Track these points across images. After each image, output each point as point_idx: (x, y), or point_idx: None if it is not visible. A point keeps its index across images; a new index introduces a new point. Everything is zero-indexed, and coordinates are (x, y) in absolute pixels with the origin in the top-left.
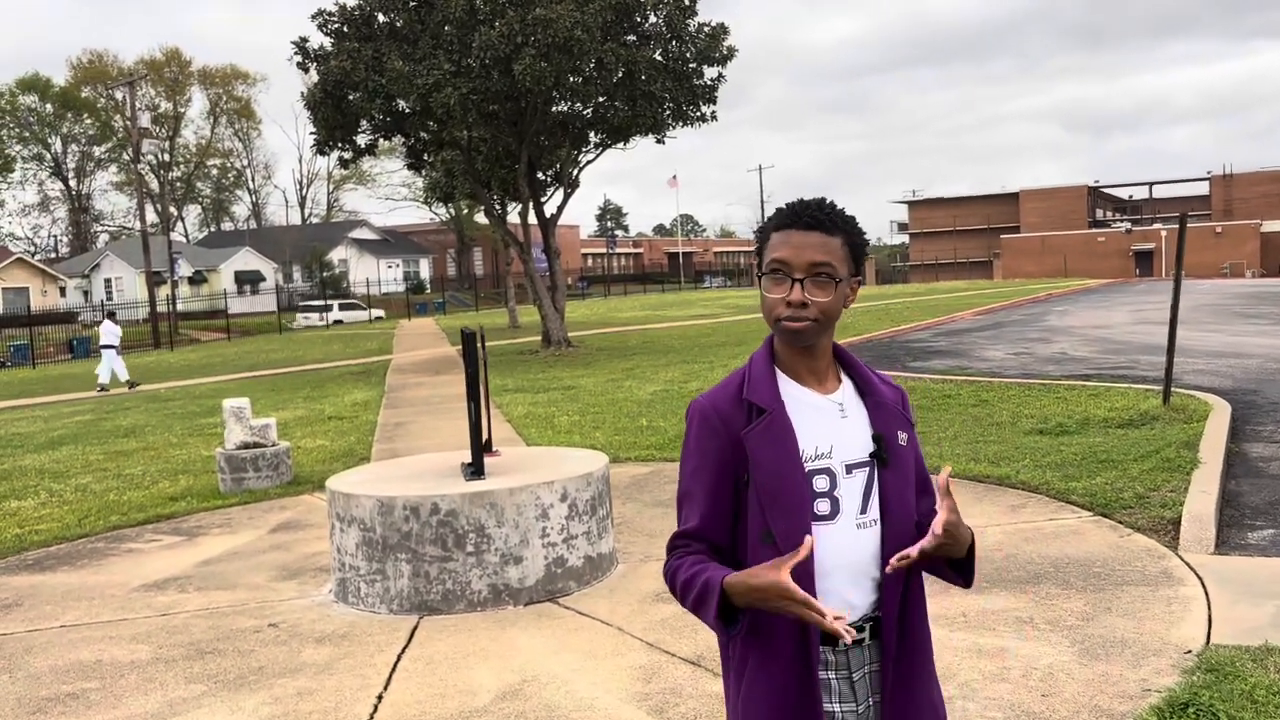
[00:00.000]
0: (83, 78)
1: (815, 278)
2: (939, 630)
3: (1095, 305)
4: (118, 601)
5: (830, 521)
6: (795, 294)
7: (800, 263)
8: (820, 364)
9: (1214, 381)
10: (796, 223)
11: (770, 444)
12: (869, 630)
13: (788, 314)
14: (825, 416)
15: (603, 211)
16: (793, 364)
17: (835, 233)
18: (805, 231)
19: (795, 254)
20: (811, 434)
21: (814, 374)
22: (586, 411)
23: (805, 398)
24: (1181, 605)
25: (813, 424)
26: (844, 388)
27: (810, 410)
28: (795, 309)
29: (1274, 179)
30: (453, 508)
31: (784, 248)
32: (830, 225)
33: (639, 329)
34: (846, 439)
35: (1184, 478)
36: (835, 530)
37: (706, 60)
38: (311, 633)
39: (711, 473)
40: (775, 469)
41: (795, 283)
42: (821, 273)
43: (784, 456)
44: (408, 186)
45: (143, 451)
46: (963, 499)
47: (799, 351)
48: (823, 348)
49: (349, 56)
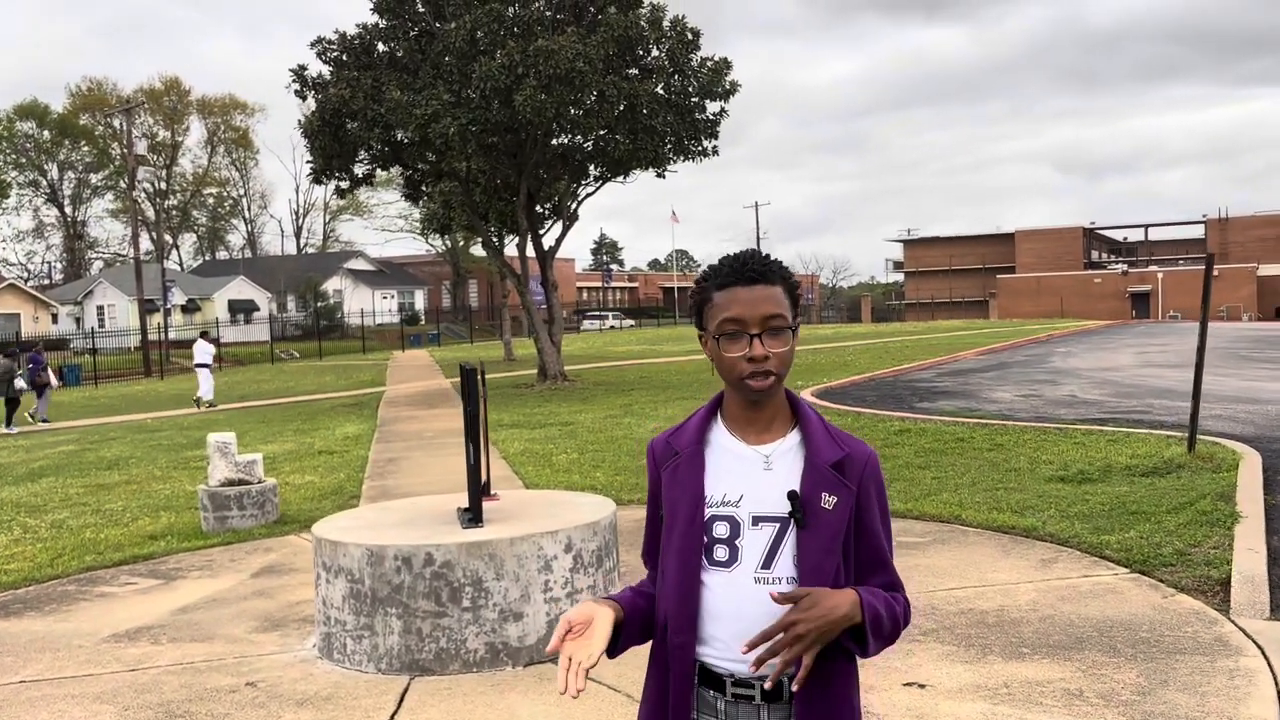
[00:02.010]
0: (81, 105)
1: (770, 331)
2: (982, 703)
3: (1098, 347)
4: (85, 653)
5: (726, 569)
6: (757, 349)
7: (755, 317)
8: (764, 415)
9: (1235, 428)
10: (740, 279)
11: (676, 484)
12: (759, 691)
13: (751, 370)
14: (744, 465)
15: (598, 245)
16: (736, 415)
17: (776, 282)
18: (750, 286)
19: (748, 309)
20: (723, 480)
21: (754, 425)
22: (585, 449)
23: (729, 445)
24: (1246, 679)
25: (727, 471)
26: (784, 441)
27: (729, 457)
28: (758, 364)
29: (1270, 223)
30: (448, 558)
31: (735, 305)
32: (771, 275)
33: (636, 364)
34: (762, 491)
35: (1225, 533)
36: (731, 579)
37: (709, 95)
38: (292, 694)
39: (651, 506)
40: (674, 508)
41: (754, 338)
42: (776, 324)
43: (681, 496)
44: (404, 218)
45: (125, 485)
46: (989, 551)
47: (746, 404)
48: (770, 400)
49: (348, 85)
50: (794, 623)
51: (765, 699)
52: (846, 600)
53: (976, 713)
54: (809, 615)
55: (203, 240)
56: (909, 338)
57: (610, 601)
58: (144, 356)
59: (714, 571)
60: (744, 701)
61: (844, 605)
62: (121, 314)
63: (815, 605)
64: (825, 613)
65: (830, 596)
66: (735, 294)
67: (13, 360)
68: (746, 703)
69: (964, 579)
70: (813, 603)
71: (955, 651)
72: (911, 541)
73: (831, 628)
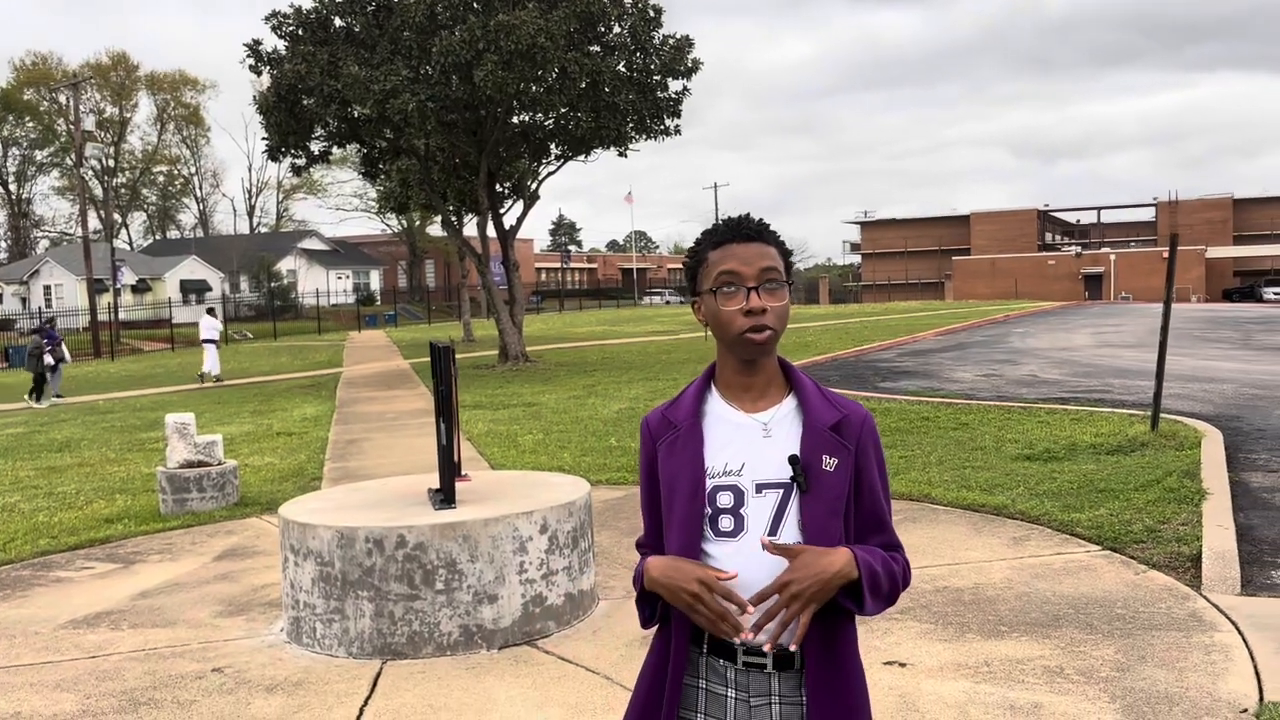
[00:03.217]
0: (26, 80)
1: (767, 284)
2: (964, 681)
3: (1054, 327)
4: (42, 640)
5: (733, 539)
6: (754, 301)
7: (752, 271)
8: (759, 380)
9: (1194, 407)
10: (736, 236)
11: (675, 456)
12: (771, 661)
13: (749, 324)
14: (743, 434)
15: (557, 226)
16: (730, 381)
17: (770, 242)
18: (746, 243)
19: (745, 264)
20: (723, 450)
21: (750, 391)
22: (550, 430)
23: (727, 414)
24: (1222, 654)
25: (727, 440)
26: (780, 407)
27: (728, 427)
28: (756, 317)
29: (1217, 206)
30: (421, 540)
31: (731, 260)
32: (767, 235)
33: (597, 344)
34: (763, 458)
35: (1193, 510)
36: (740, 548)
37: (671, 73)
38: (261, 679)
39: (647, 483)
40: (673, 481)
41: (751, 291)
42: (772, 278)
43: (685, 470)
44: (359, 197)
45: (77, 468)
46: (961, 530)
47: (741, 368)
48: (764, 364)
49: (304, 60)
50: (788, 582)
51: (777, 667)
52: (841, 558)
53: (959, 691)
54: (803, 574)
55: (153, 219)
56: (868, 319)
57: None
58: (93, 337)
59: (720, 542)
60: (755, 670)
61: (838, 562)
62: (70, 294)
63: (809, 564)
64: (820, 570)
65: (825, 554)
66: (732, 250)
67: (44, 337)
68: (758, 671)
69: (937, 557)
70: (806, 561)
71: (934, 630)
72: None
73: (826, 585)
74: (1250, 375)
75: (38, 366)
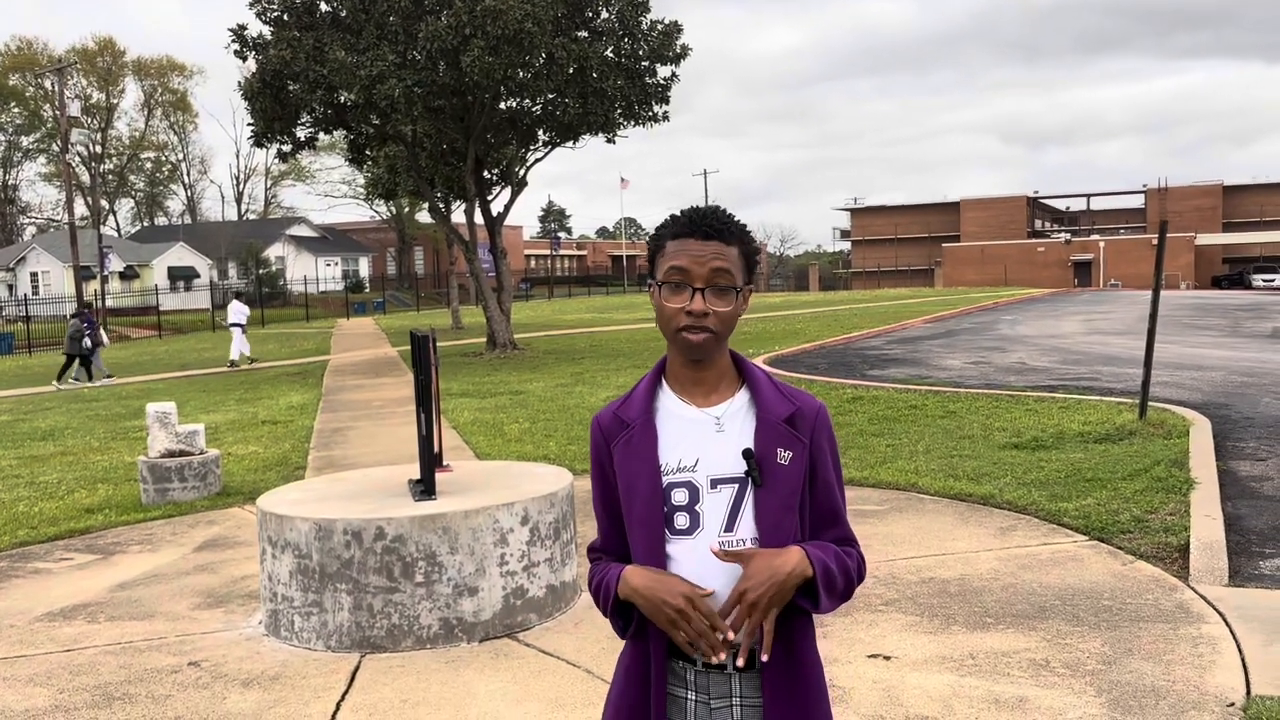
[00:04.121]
0: (10, 65)
1: (715, 287)
2: (948, 675)
3: (1044, 315)
4: (17, 633)
5: (689, 536)
6: (696, 303)
7: (701, 272)
8: (709, 374)
9: (1182, 395)
10: (695, 232)
11: (630, 456)
12: (731, 660)
13: (687, 323)
14: (696, 429)
15: (546, 213)
16: (680, 376)
17: (732, 241)
18: (703, 241)
19: (695, 263)
20: (676, 447)
21: (701, 385)
22: (537, 419)
23: (679, 410)
24: (1209, 647)
25: (680, 437)
26: (733, 401)
27: (681, 423)
28: (696, 318)
29: (1206, 193)
30: (400, 532)
31: (682, 256)
32: (728, 234)
33: (585, 332)
34: (716, 453)
35: (1181, 499)
36: (695, 545)
37: (659, 59)
38: (238, 674)
39: (600, 485)
40: (630, 480)
41: (696, 292)
42: (721, 282)
43: (639, 468)
44: (347, 184)
45: (60, 457)
46: (947, 519)
47: (689, 362)
48: (713, 359)
49: (289, 45)
50: (744, 591)
51: (736, 668)
52: (793, 557)
53: (944, 684)
54: (758, 580)
55: (140, 206)
56: (857, 306)
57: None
58: None
59: (676, 541)
60: (715, 671)
61: (790, 562)
62: (56, 281)
63: (762, 569)
64: (773, 573)
65: (776, 555)
66: (687, 245)
67: (83, 322)
68: (718, 672)
69: (923, 547)
70: (759, 566)
71: (919, 622)
72: (869, 509)
73: (783, 588)
74: (1239, 363)
75: (77, 349)
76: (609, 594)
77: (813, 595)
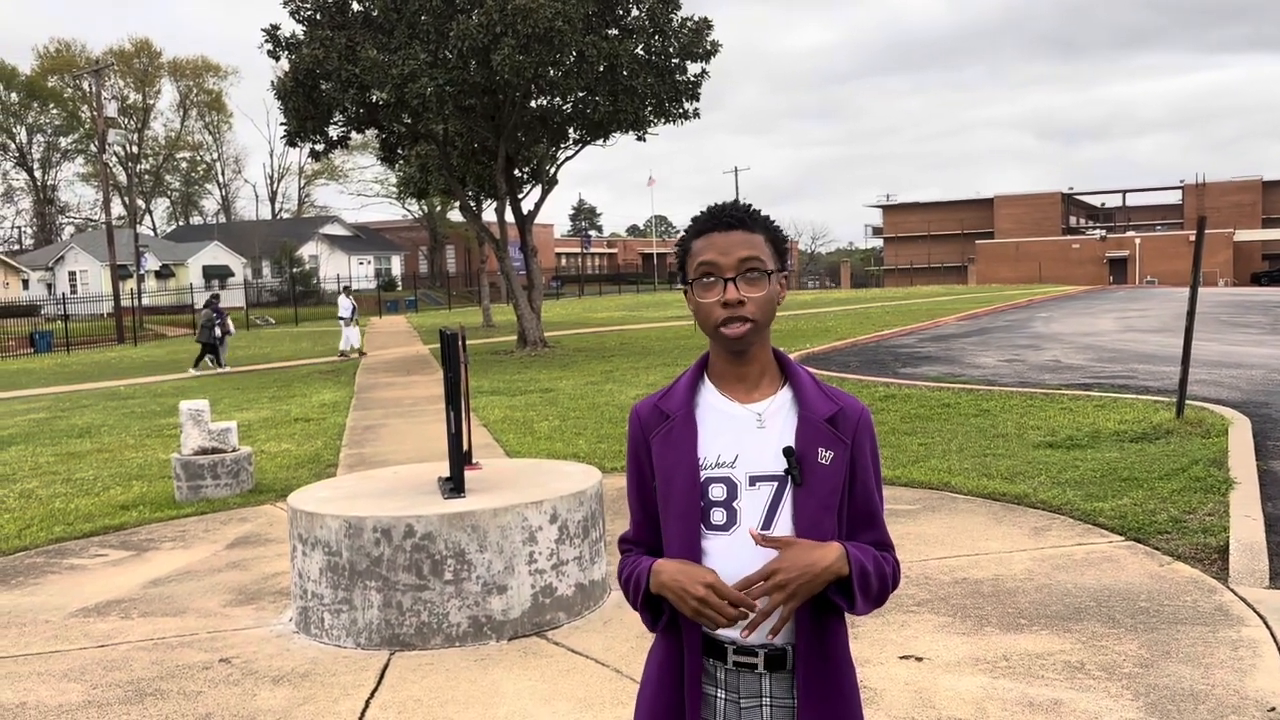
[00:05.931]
0: (49, 67)
1: (746, 274)
2: (981, 677)
3: (1078, 312)
4: (52, 629)
5: (725, 532)
6: (730, 293)
7: (729, 261)
8: (751, 370)
9: (1221, 393)
10: (717, 225)
11: (669, 448)
12: (763, 660)
13: (725, 316)
14: (737, 425)
15: (577, 211)
16: (723, 371)
17: (756, 229)
18: (727, 232)
19: (722, 254)
20: (716, 442)
21: (743, 381)
22: (567, 416)
23: (720, 405)
24: (1249, 650)
25: (720, 432)
26: (775, 398)
27: (721, 418)
28: (732, 309)
29: (1245, 188)
30: (429, 530)
31: (709, 250)
32: (750, 223)
33: (616, 330)
34: (756, 450)
35: (1219, 500)
36: (731, 542)
37: (690, 56)
38: (269, 670)
39: (636, 477)
40: (668, 473)
41: (727, 282)
42: (751, 268)
43: (678, 461)
44: (380, 183)
45: (96, 453)
46: (981, 519)
47: (731, 357)
48: (755, 354)
49: (321, 45)
50: (775, 571)
51: (768, 667)
52: (832, 553)
53: (977, 687)
54: (791, 565)
55: (176, 205)
56: (889, 303)
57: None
58: (117, 323)
59: (713, 536)
60: (746, 670)
61: (828, 557)
62: (94, 280)
63: (798, 556)
64: (810, 563)
65: (815, 548)
66: (711, 239)
67: (214, 312)
68: (749, 671)
69: (957, 547)
70: (796, 553)
71: (951, 623)
72: (902, 509)
73: (815, 579)
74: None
75: (209, 337)
76: (639, 587)
77: (848, 594)
